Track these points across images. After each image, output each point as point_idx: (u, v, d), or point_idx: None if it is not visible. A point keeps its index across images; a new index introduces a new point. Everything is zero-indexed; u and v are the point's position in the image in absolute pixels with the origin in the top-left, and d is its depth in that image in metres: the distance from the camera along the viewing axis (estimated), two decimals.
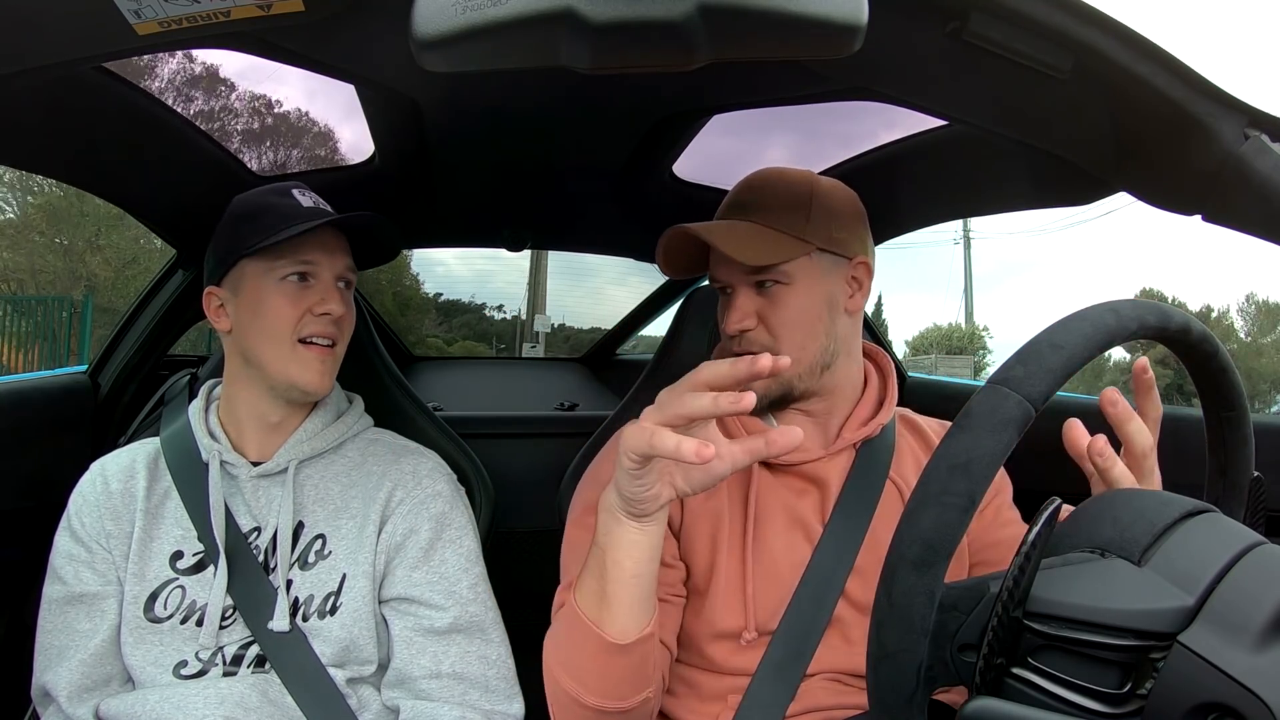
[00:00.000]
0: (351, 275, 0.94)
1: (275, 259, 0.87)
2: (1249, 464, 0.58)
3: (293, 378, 0.88)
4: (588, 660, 0.67)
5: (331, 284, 0.90)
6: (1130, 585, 0.42)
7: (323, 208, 0.91)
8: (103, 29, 0.52)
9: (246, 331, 0.89)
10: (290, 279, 0.88)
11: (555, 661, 0.70)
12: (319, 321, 0.89)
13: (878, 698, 0.44)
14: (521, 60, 0.46)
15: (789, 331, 0.82)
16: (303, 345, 0.88)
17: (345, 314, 0.91)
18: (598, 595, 0.66)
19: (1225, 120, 0.57)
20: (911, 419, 0.96)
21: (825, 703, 0.78)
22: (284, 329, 0.87)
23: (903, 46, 0.59)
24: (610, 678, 0.68)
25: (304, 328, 0.88)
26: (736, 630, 0.79)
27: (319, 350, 0.89)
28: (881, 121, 1.13)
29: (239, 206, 0.92)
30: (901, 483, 0.86)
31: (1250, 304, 20.82)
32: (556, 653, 0.71)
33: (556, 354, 7.71)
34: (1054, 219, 28.06)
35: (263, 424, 0.93)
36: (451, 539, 0.92)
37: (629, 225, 1.52)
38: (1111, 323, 0.47)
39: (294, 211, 0.88)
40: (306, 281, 0.89)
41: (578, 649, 0.68)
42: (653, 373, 1.12)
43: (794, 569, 0.81)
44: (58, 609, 0.86)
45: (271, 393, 0.91)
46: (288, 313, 0.87)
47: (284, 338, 0.88)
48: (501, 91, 0.97)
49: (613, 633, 0.65)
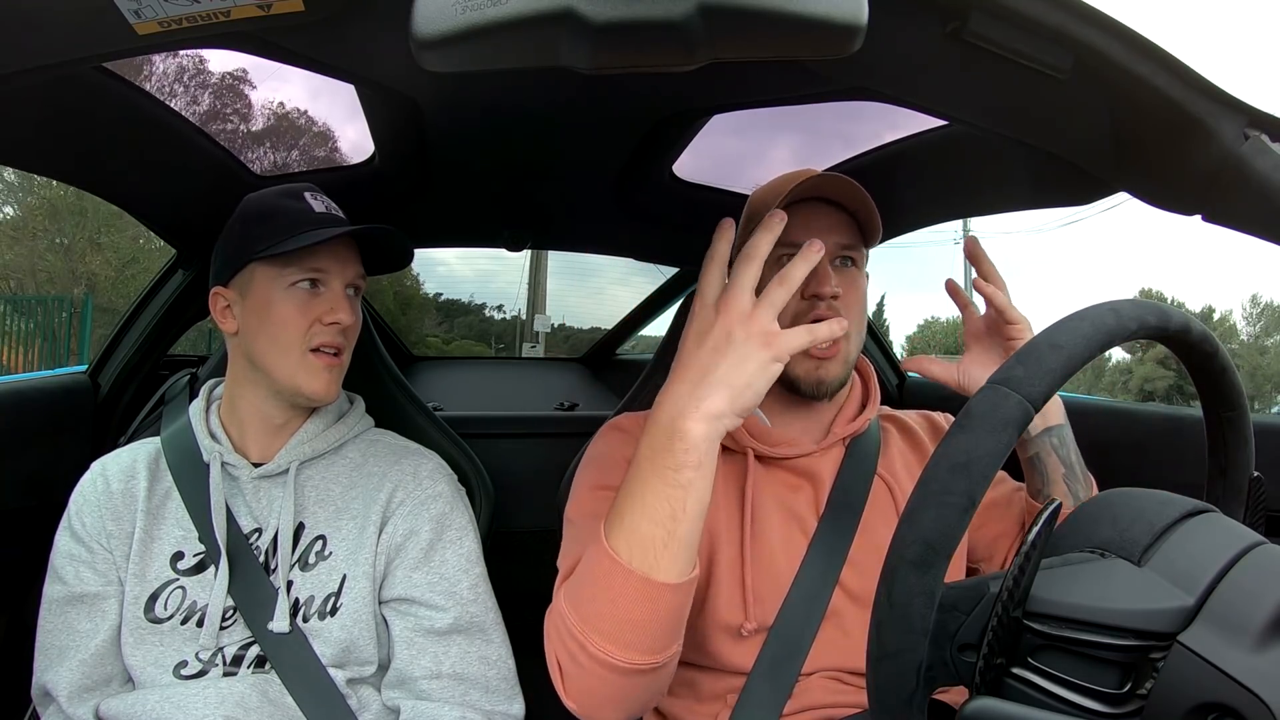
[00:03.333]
0: (361, 283, 0.94)
1: (285, 265, 0.87)
2: (1249, 464, 0.58)
3: (300, 386, 0.88)
4: (632, 610, 0.62)
5: (341, 292, 0.90)
6: (1130, 585, 0.42)
7: (334, 212, 0.91)
8: (103, 29, 0.52)
9: (254, 335, 0.89)
10: (301, 285, 0.88)
11: (578, 621, 0.64)
12: (328, 331, 0.89)
13: (877, 698, 0.44)
14: (521, 60, 0.46)
15: (857, 314, 0.84)
16: (312, 354, 0.88)
17: (354, 323, 0.92)
18: (658, 541, 0.61)
19: (1225, 120, 0.57)
20: (892, 415, 0.98)
21: (823, 701, 0.78)
22: (294, 337, 0.87)
23: (903, 46, 0.59)
24: (651, 627, 0.63)
25: (313, 337, 0.88)
26: (737, 623, 0.79)
27: (327, 360, 0.89)
28: (881, 121, 1.13)
29: (250, 207, 0.91)
30: (889, 477, 0.88)
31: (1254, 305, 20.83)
32: (581, 610, 0.64)
33: (556, 354, 7.71)
34: (1051, 218, 28.12)
35: (267, 426, 0.93)
36: (452, 540, 0.92)
37: (629, 225, 1.52)
38: (1111, 323, 0.47)
39: (305, 217, 0.88)
40: (316, 289, 0.89)
41: (616, 602, 0.62)
42: (653, 373, 1.12)
43: (791, 561, 0.82)
44: (58, 609, 0.86)
45: (277, 396, 0.91)
46: (297, 320, 0.87)
47: (293, 346, 0.87)
48: (501, 91, 0.97)
49: (670, 576, 0.62)
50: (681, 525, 0.61)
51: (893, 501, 0.87)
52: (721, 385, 0.61)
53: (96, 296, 10.66)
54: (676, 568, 0.62)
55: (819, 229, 0.84)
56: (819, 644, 0.79)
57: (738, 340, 0.61)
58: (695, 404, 0.61)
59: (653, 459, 0.62)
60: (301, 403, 0.91)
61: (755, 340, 0.61)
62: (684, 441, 0.61)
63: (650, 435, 0.63)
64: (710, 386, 0.61)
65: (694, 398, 0.61)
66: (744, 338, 0.61)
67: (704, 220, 1.02)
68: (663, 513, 0.61)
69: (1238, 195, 0.59)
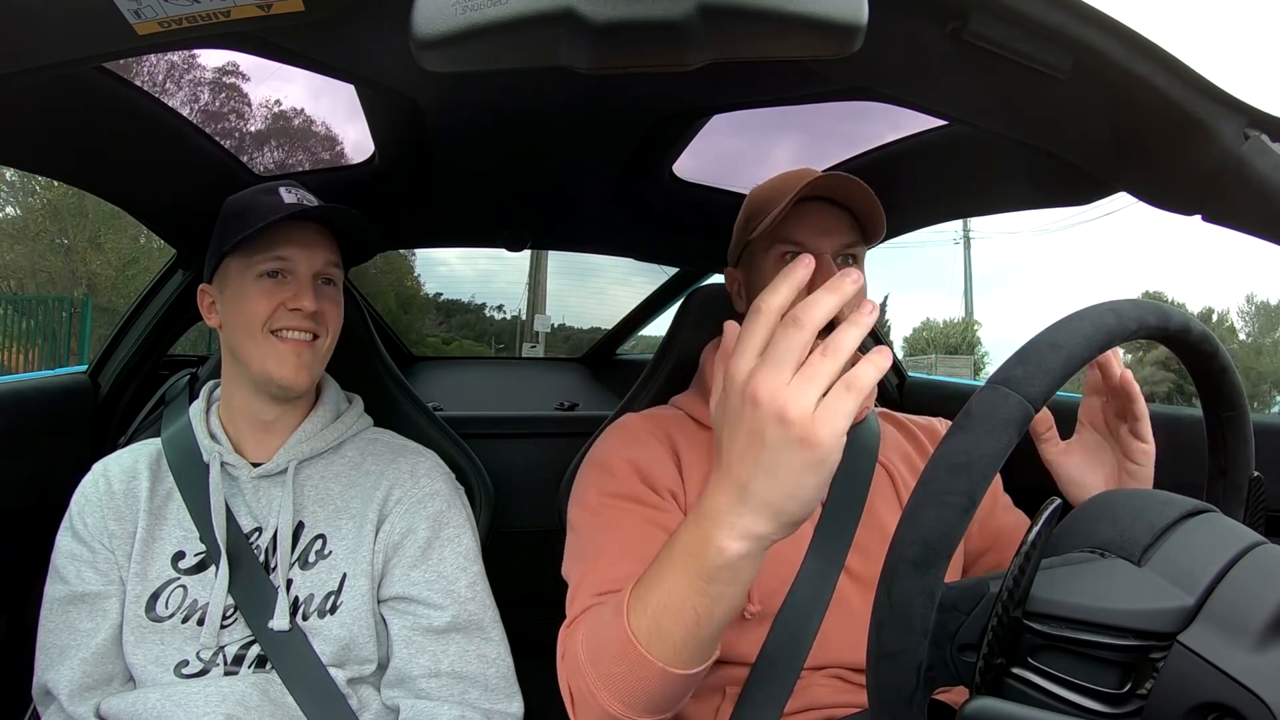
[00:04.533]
0: (333, 271, 0.93)
1: (252, 255, 0.88)
2: (1249, 464, 0.58)
3: (269, 371, 0.88)
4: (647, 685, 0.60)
5: (308, 279, 0.90)
6: (1130, 585, 0.42)
7: (306, 203, 0.90)
8: (103, 29, 0.52)
9: (231, 329, 0.90)
10: (266, 274, 0.88)
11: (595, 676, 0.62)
12: (292, 316, 0.88)
13: (878, 697, 0.44)
14: (522, 60, 0.46)
15: None
16: (276, 338, 0.88)
17: (326, 310, 0.91)
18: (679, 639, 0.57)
19: (1225, 120, 0.57)
20: (888, 413, 1.01)
21: (826, 700, 0.78)
22: (254, 323, 0.88)
23: (903, 46, 0.59)
24: (664, 699, 0.61)
25: (276, 320, 0.88)
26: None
27: (293, 344, 0.89)
28: (882, 121, 1.13)
29: (228, 206, 0.93)
30: (889, 465, 0.90)
31: (1250, 304, 20.84)
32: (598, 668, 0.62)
33: (556, 354, 7.71)
34: (1055, 219, 28.08)
35: (257, 422, 0.93)
36: (449, 538, 0.92)
37: (629, 225, 1.52)
38: (1111, 323, 0.47)
39: (275, 208, 0.88)
40: (281, 278, 0.89)
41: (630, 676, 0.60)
42: (652, 373, 1.12)
43: (797, 544, 0.82)
44: (59, 608, 0.86)
45: (257, 389, 0.91)
46: (262, 308, 0.88)
47: (256, 330, 0.88)
48: (501, 91, 0.97)
49: (689, 667, 0.59)
50: (706, 629, 0.57)
51: (894, 488, 0.88)
52: (761, 504, 0.51)
53: (97, 296, 10.66)
54: (697, 659, 0.59)
55: (821, 228, 0.84)
56: (824, 634, 0.79)
57: (771, 443, 0.49)
58: (733, 520, 0.52)
59: (686, 560, 0.55)
60: (276, 392, 0.91)
61: (793, 441, 0.48)
62: (720, 557, 0.53)
63: (688, 530, 0.56)
64: (749, 504, 0.51)
65: (733, 513, 0.52)
66: (779, 440, 0.48)
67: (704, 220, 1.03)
68: (688, 617, 0.56)
69: (1238, 195, 0.59)
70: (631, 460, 0.84)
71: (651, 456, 0.85)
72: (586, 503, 0.83)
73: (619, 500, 0.81)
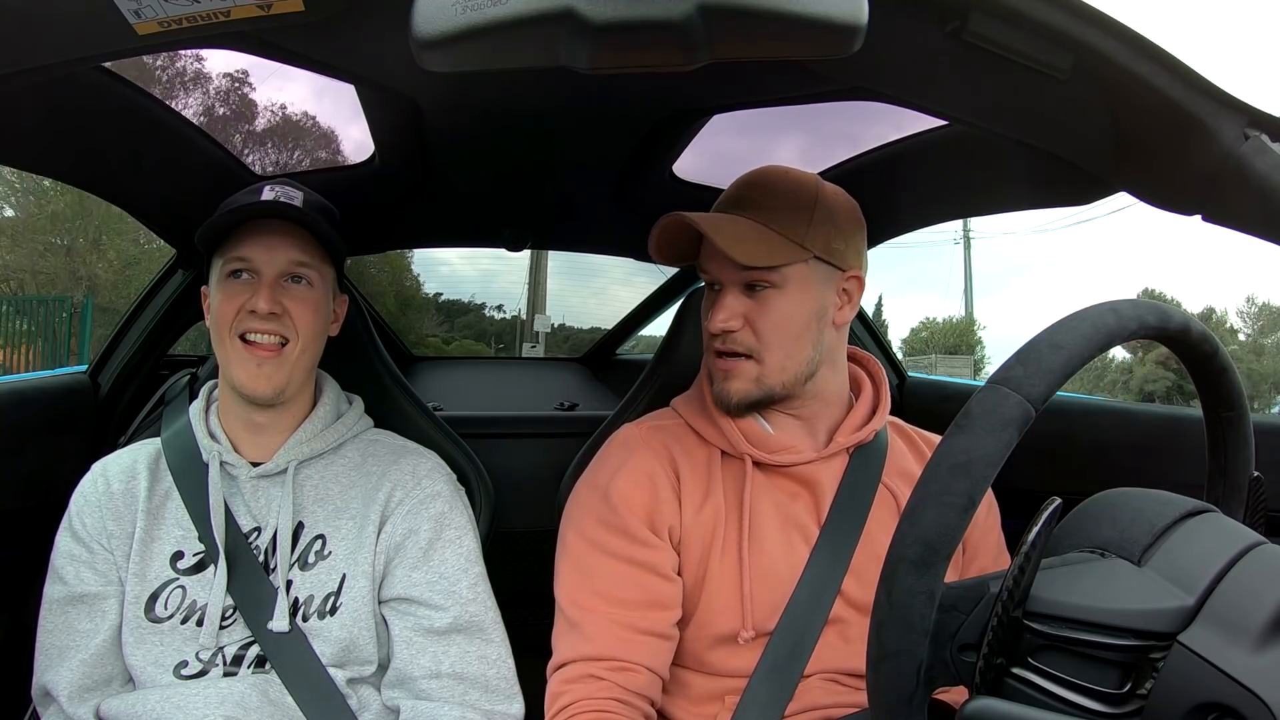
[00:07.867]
0: (303, 270, 0.89)
1: (220, 256, 0.88)
2: (1249, 464, 0.58)
3: (234, 376, 0.87)
4: None
5: (271, 280, 0.87)
6: (1130, 585, 0.42)
7: (285, 200, 0.87)
8: (103, 29, 0.52)
9: (211, 331, 0.90)
10: (230, 275, 0.88)
11: None
12: (252, 319, 0.86)
13: (878, 698, 0.44)
14: (521, 60, 0.46)
15: (775, 338, 0.82)
16: (243, 343, 0.87)
17: (294, 311, 0.87)
18: None
19: (1225, 120, 0.57)
20: (902, 428, 0.96)
21: (823, 702, 0.78)
22: (222, 326, 0.87)
23: (903, 46, 0.59)
24: None
25: (240, 323, 0.86)
26: (733, 632, 0.79)
27: (258, 351, 0.86)
28: (882, 122, 1.13)
29: (223, 206, 0.92)
30: (895, 487, 0.87)
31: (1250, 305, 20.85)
32: None
33: (556, 354, 7.71)
34: (1055, 218, 28.02)
35: (249, 424, 0.92)
36: (451, 539, 0.92)
37: (629, 225, 1.52)
38: (1111, 322, 0.47)
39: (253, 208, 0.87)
40: (246, 278, 0.87)
41: None
42: (653, 373, 1.12)
43: (792, 569, 0.81)
44: (59, 609, 0.86)
45: (233, 391, 0.90)
46: (225, 310, 0.87)
47: (224, 334, 0.87)
48: (501, 91, 0.97)
49: None
50: None
51: (897, 511, 0.85)
52: None
53: (97, 297, 10.66)
54: None
55: (714, 258, 0.84)
56: (820, 648, 0.79)
57: None
58: None
59: None
60: (246, 398, 0.89)
61: None
62: None
63: None
64: None
65: None
66: None
67: None
68: None
69: (1238, 195, 0.59)
70: (631, 496, 0.83)
71: (652, 488, 0.83)
72: (583, 531, 0.84)
73: (613, 535, 0.82)
